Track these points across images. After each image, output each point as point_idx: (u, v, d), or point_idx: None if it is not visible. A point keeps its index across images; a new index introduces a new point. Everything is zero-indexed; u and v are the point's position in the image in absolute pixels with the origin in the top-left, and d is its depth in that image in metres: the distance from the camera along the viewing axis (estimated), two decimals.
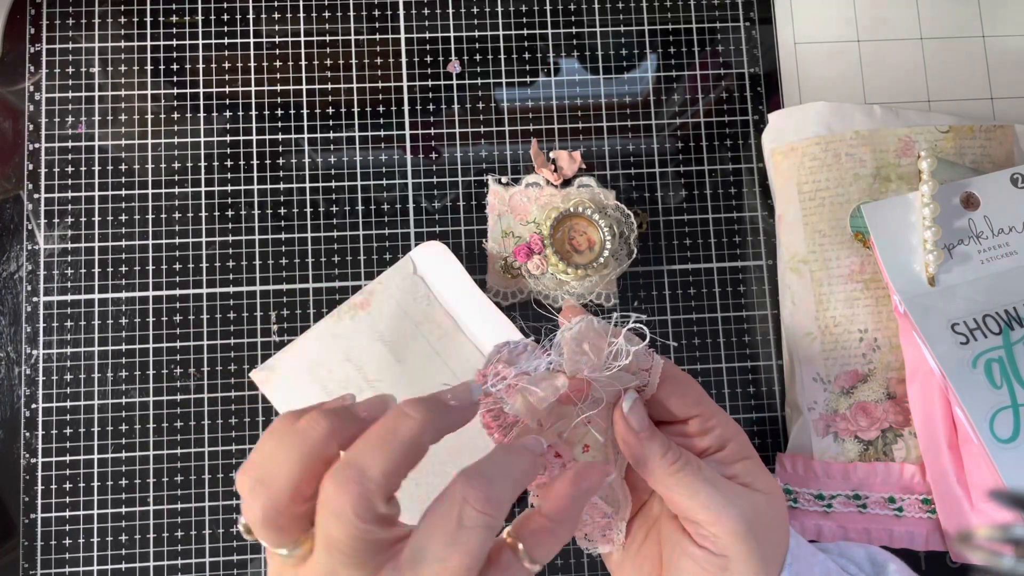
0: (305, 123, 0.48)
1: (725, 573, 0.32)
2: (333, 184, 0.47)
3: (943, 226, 0.43)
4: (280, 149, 0.47)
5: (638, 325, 0.33)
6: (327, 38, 0.48)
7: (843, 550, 0.39)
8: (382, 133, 0.48)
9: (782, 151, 0.47)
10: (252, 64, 0.48)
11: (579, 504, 0.30)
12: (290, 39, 0.48)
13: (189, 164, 0.47)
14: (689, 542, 0.33)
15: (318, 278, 0.46)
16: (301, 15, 0.48)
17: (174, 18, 0.48)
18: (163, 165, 0.47)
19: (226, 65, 0.48)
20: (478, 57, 0.49)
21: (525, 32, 0.49)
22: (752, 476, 0.34)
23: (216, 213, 0.47)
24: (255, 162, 0.47)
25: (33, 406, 0.45)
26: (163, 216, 0.46)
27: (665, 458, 0.32)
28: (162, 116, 0.47)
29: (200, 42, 0.48)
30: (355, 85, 0.48)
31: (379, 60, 0.48)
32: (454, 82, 0.48)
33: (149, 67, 0.48)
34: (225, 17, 0.48)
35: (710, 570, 0.32)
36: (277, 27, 0.48)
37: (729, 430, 0.35)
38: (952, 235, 0.44)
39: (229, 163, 0.47)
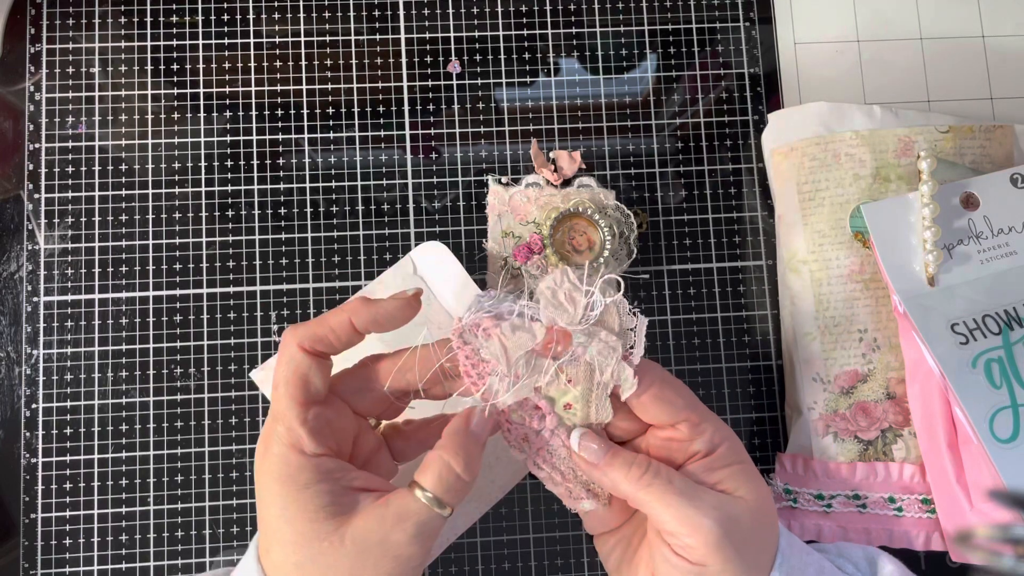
0: (305, 123, 0.48)
1: None
2: (333, 184, 0.47)
3: (943, 226, 0.43)
4: (280, 149, 0.47)
5: (614, 276, 0.33)
6: (327, 38, 0.48)
7: (841, 550, 0.39)
8: (382, 133, 0.48)
9: (782, 151, 0.47)
10: (252, 64, 0.48)
11: (466, 440, 0.33)
12: (290, 39, 0.48)
13: (189, 164, 0.47)
14: (668, 551, 0.33)
15: (318, 278, 0.46)
16: (301, 15, 0.48)
17: (174, 18, 0.48)
18: (163, 165, 0.47)
19: (226, 65, 0.48)
20: (478, 57, 0.49)
21: (525, 32, 0.49)
22: (736, 481, 0.34)
23: (216, 213, 0.47)
24: (255, 162, 0.47)
25: (33, 406, 0.45)
26: (163, 216, 0.46)
27: (631, 474, 0.33)
28: (162, 116, 0.47)
29: (200, 42, 0.48)
30: (355, 85, 0.48)
31: (379, 60, 0.48)
32: (454, 82, 0.48)
33: (149, 67, 0.48)
34: (225, 17, 0.48)
35: None
36: (277, 27, 0.48)
37: (719, 434, 0.34)
38: (952, 235, 0.44)
39: (229, 163, 0.47)
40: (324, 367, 0.34)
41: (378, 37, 0.48)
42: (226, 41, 0.48)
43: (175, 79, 0.48)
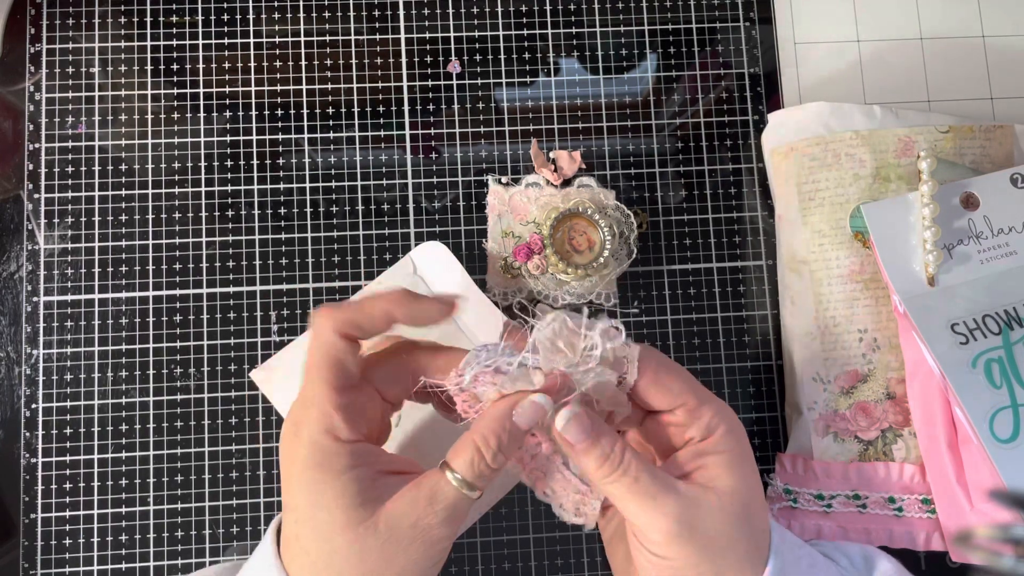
0: (305, 123, 0.48)
1: (679, 574, 0.32)
2: (333, 184, 0.47)
3: (943, 226, 0.43)
4: (280, 149, 0.47)
5: (616, 324, 0.33)
6: (327, 38, 0.48)
7: (838, 545, 0.39)
8: (382, 133, 0.48)
9: (782, 151, 0.47)
10: (252, 64, 0.48)
11: (505, 428, 0.32)
12: (290, 39, 0.48)
13: (189, 164, 0.47)
14: (635, 540, 0.33)
15: (318, 278, 0.46)
16: (301, 15, 0.48)
17: (174, 18, 0.48)
18: (163, 165, 0.47)
19: (226, 65, 0.48)
20: (478, 57, 0.49)
21: (525, 32, 0.49)
22: (717, 470, 0.33)
23: (216, 213, 0.47)
24: (255, 162, 0.47)
25: (33, 406, 0.45)
26: (163, 216, 0.46)
27: (601, 469, 0.32)
28: (162, 116, 0.47)
29: (200, 42, 0.48)
30: (355, 85, 0.48)
31: (379, 60, 0.48)
32: (454, 82, 0.48)
33: (149, 67, 0.48)
34: (225, 17, 0.48)
35: (665, 572, 0.32)
36: (277, 27, 0.48)
37: (718, 419, 0.34)
38: (952, 235, 0.44)
39: (229, 163, 0.47)
40: (356, 351, 0.33)
41: (378, 37, 0.48)
42: (226, 41, 0.48)
43: (175, 79, 0.48)
